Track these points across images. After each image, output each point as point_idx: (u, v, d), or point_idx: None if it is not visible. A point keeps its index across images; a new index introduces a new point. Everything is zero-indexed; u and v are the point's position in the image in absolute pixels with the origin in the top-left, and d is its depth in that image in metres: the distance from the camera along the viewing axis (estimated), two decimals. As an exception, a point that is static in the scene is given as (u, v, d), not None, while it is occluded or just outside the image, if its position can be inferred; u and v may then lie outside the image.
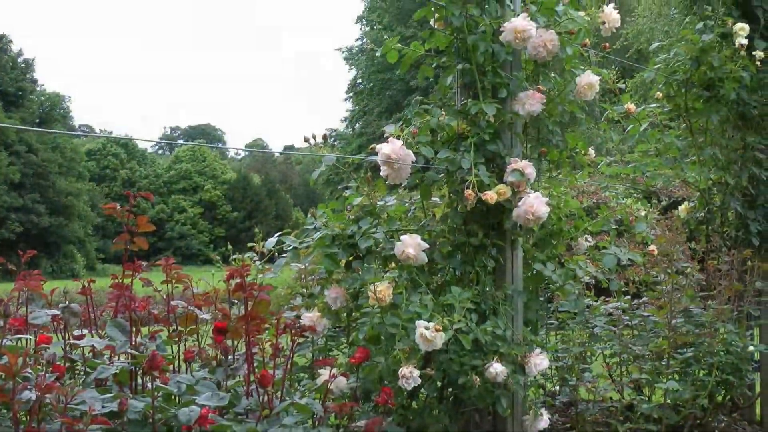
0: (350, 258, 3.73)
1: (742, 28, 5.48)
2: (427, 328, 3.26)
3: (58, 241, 56.78)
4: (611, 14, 4.05)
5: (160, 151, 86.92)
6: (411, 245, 3.49)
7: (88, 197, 61.47)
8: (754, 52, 5.55)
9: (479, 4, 3.69)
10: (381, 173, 3.68)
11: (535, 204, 3.55)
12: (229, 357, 3.20)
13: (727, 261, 5.25)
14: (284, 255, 3.83)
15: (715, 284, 5.23)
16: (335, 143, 47.36)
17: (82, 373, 3.08)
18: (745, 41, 5.46)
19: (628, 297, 5.30)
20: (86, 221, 60.20)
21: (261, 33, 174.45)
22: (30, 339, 2.96)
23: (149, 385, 2.78)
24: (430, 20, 3.87)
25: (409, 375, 3.29)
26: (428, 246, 3.55)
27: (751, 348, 5.20)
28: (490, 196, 3.50)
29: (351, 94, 48.34)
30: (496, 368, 3.40)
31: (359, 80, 47.77)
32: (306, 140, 3.79)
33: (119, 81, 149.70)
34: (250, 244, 3.95)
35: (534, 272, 3.98)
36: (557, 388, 5.10)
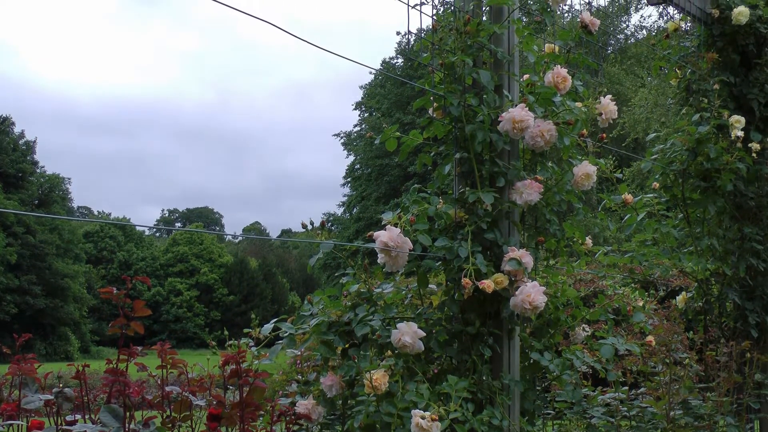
0: (346, 345, 3.72)
1: (738, 121, 5.53)
2: (423, 418, 3.22)
3: (53, 322, 56.62)
4: (608, 105, 4.09)
5: (157, 234, 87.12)
6: (407, 333, 3.48)
7: (84, 279, 61.44)
8: (750, 144, 5.60)
9: (477, 93, 3.72)
10: (378, 260, 3.67)
11: (532, 293, 3.54)
12: (223, 444, 3.16)
13: (725, 352, 5.22)
14: (280, 341, 3.81)
15: (714, 375, 5.19)
16: (332, 227, 47.54)
17: (73, 459, 3.04)
18: (741, 133, 5.51)
19: (626, 387, 5.25)
20: (82, 303, 60.13)
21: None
22: (22, 425, 2.93)
23: (141, 472, 2.75)
24: (428, 109, 3.91)
25: (405, 465, 3.25)
26: (425, 334, 3.53)
27: (751, 441, 5.15)
28: (488, 284, 3.49)
29: (349, 179, 48.68)
30: (493, 459, 3.36)
31: (357, 165, 48.15)
32: (304, 226, 3.81)
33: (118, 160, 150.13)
34: (246, 330, 3.93)
35: (531, 361, 3.96)
36: (554, 479, 5.03)
